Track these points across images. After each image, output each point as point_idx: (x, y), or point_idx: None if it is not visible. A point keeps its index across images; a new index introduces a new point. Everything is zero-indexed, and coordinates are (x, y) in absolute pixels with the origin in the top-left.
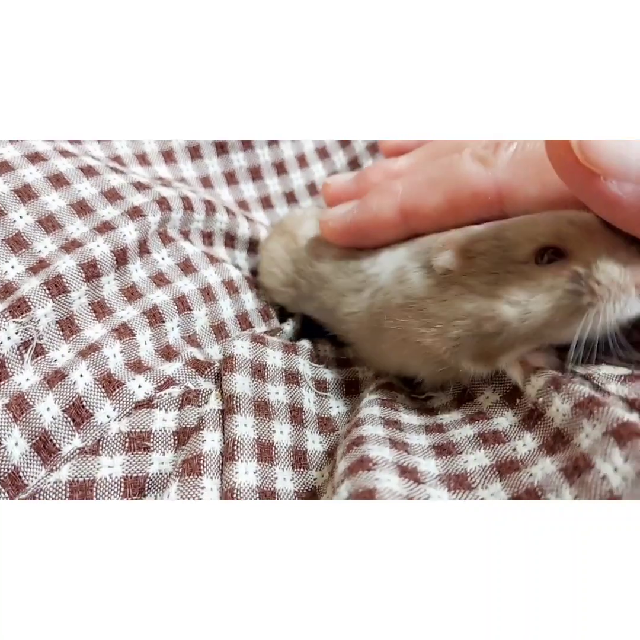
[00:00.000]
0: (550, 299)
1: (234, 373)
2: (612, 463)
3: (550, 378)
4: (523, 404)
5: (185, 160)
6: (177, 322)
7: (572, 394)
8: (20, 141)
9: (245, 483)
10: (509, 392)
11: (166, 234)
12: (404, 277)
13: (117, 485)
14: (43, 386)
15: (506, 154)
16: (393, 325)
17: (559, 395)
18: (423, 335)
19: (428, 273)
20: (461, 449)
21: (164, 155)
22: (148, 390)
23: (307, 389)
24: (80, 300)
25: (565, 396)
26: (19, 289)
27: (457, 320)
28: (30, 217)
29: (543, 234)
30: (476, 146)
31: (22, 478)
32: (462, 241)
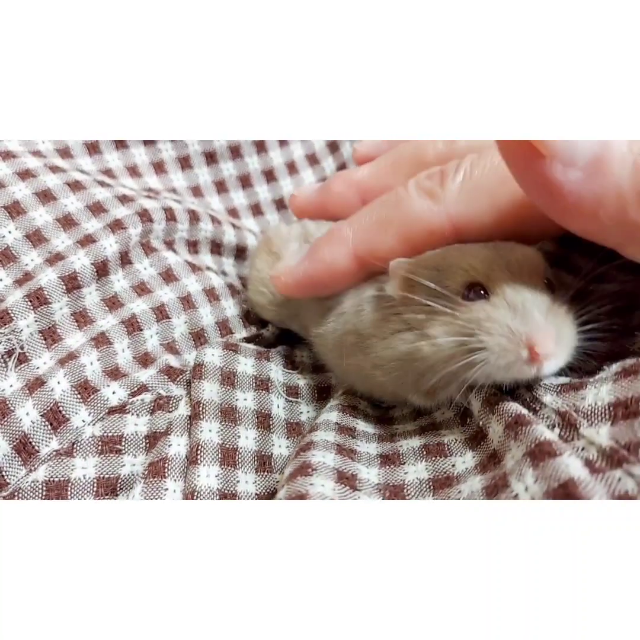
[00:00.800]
0: (454, 336)
1: (202, 380)
2: (524, 482)
3: (485, 399)
4: (472, 424)
5: (175, 171)
6: (156, 330)
7: (503, 415)
8: (13, 157)
9: (206, 486)
10: (462, 410)
11: (149, 245)
12: (360, 307)
13: (90, 486)
14: (23, 392)
15: (454, 185)
16: (352, 361)
17: (494, 416)
18: (374, 375)
19: (377, 304)
20: (404, 459)
21: (155, 166)
22: (122, 396)
23: (276, 395)
24: (62, 310)
25: (498, 417)
26: (4, 301)
27: (395, 362)
28: (19, 232)
29: (474, 269)
30: (420, 177)
31: (4, 477)
32: (408, 268)
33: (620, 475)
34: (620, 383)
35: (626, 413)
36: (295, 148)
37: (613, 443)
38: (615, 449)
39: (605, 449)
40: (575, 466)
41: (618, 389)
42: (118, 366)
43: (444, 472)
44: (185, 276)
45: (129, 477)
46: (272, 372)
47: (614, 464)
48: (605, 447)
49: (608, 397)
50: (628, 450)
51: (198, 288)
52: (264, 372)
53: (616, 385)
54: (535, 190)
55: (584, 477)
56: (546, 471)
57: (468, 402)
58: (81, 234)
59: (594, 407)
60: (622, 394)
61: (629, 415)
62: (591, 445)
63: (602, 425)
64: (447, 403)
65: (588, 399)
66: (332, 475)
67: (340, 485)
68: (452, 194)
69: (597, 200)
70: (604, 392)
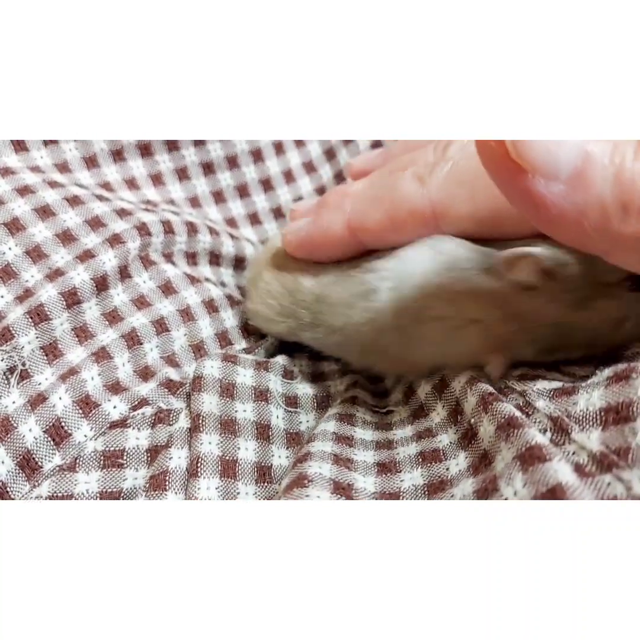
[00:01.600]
0: None
1: (201, 393)
2: (513, 487)
3: (481, 396)
4: (463, 422)
5: (173, 182)
6: (156, 344)
7: (496, 415)
8: (12, 174)
9: (206, 498)
10: (454, 408)
11: (148, 258)
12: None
13: (93, 500)
14: (26, 408)
15: (441, 173)
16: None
17: (486, 415)
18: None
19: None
20: (401, 467)
21: (152, 178)
22: (123, 410)
23: (275, 406)
24: (63, 326)
25: (491, 417)
26: (5, 318)
27: None
28: (19, 249)
29: None
30: (419, 164)
31: (9, 493)
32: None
33: (610, 479)
34: (612, 388)
35: (617, 418)
36: (292, 156)
37: (603, 448)
38: (606, 453)
39: (595, 454)
40: (564, 471)
41: (609, 394)
42: (119, 380)
43: (439, 476)
44: (184, 288)
45: (131, 491)
46: (270, 382)
47: (603, 468)
48: (596, 452)
49: (599, 402)
50: (618, 455)
51: (197, 300)
52: (263, 383)
53: (607, 391)
54: (520, 203)
55: (572, 481)
56: (535, 476)
57: (462, 398)
58: (80, 249)
59: (585, 412)
60: (613, 399)
61: (619, 421)
62: (582, 450)
63: (593, 430)
64: (444, 398)
65: (580, 404)
66: (328, 486)
67: (336, 495)
68: (437, 182)
69: (580, 211)
70: (595, 397)
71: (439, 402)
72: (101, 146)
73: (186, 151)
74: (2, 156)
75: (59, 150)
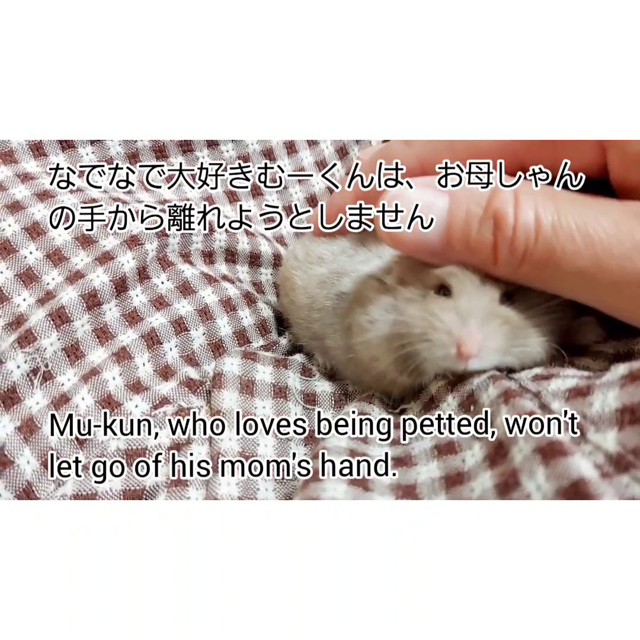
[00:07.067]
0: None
1: (222, 390)
2: (536, 481)
3: (503, 390)
4: (475, 412)
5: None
6: (175, 343)
7: (517, 408)
8: (30, 180)
9: (227, 494)
10: (465, 398)
11: (166, 259)
12: None
13: (116, 498)
14: (50, 409)
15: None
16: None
17: (506, 407)
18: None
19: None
20: (417, 461)
21: (168, 180)
22: (144, 409)
23: (294, 403)
24: (84, 327)
25: (510, 409)
26: (28, 320)
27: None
28: (40, 252)
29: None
30: None
31: (35, 492)
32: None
33: (628, 481)
34: (627, 389)
35: (633, 419)
36: (305, 155)
37: (620, 449)
38: (622, 454)
39: (612, 455)
40: (586, 467)
41: (624, 394)
42: (140, 380)
43: (455, 468)
44: (202, 288)
45: (153, 489)
46: (289, 379)
47: (621, 469)
48: (612, 452)
49: (615, 403)
50: (635, 455)
51: (215, 299)
52: (282, 380)
53: (622, 391)
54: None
55: (594, 478)
56: (557, 469)
57: (478, 389)
58: (99, 251)
59: (601, 413)
60: (629, 399)
61: (635, 421)
62: (598, 450)
63: (609, 430)
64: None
65: (595, 405)
66: (344, 479)
67: (353, 486)
68: (422, 142)
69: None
70: (610, 398)
71: (450, 394)
72: (117, 150)
73: (200, 152)
74: (21, 162)
75: (76, 155)
